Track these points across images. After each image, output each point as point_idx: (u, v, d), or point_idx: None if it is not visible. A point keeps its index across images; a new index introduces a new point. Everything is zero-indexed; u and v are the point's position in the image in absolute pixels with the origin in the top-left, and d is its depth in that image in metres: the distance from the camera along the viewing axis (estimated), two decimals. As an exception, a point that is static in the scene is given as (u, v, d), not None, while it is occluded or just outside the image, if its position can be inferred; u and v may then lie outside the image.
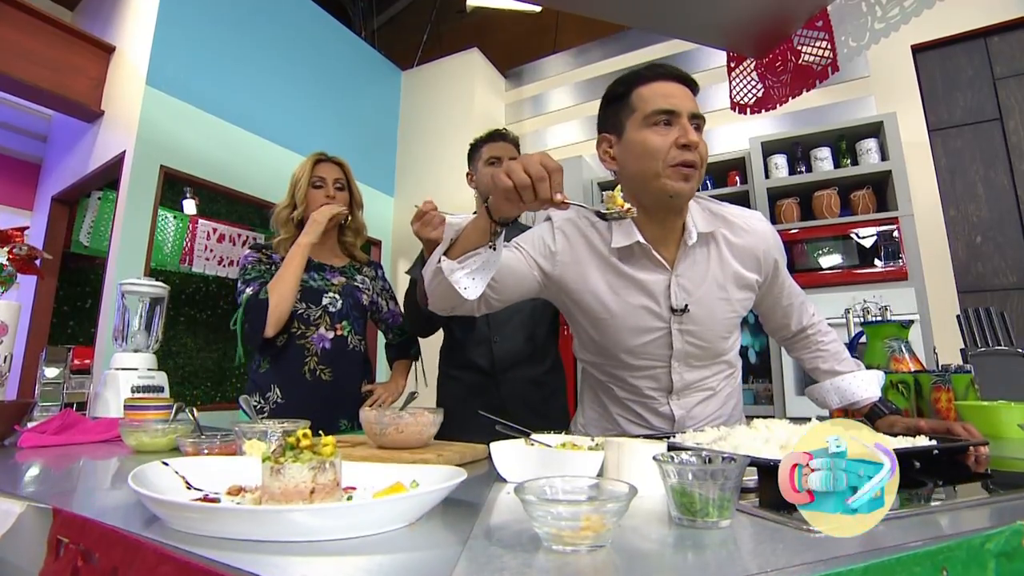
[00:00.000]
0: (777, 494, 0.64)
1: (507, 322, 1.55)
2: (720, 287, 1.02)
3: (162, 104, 2.65)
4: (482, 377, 1.54)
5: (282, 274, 1.39)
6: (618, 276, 1.02)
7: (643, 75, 0.98)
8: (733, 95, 2.09)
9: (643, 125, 0.95)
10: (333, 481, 0.54)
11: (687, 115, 0.94)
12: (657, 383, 1.06)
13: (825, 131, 2.72)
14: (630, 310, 1.01)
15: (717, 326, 1.03)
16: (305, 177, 1.56)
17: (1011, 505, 0.56)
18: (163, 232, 3.38)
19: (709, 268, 1.02)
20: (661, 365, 1.05)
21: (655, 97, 0.95)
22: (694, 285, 1.01)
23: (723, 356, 1.09)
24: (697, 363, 1.06)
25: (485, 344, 1.54)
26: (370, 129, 4.03)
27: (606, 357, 1.08)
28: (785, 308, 1.14)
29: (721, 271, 1.02)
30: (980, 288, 2.52)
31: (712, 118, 3.48)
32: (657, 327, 1.01)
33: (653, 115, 0.94)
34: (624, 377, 1.08)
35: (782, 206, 2.77)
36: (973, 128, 2.65)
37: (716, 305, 1.02)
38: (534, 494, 0.46)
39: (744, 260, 1.04)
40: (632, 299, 1.01)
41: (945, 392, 1.33)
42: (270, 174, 3.16)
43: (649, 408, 1.09)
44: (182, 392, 4.30)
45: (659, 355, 1.04)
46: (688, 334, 1.02)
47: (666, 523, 0.51)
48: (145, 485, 0.53)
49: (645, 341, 1.03)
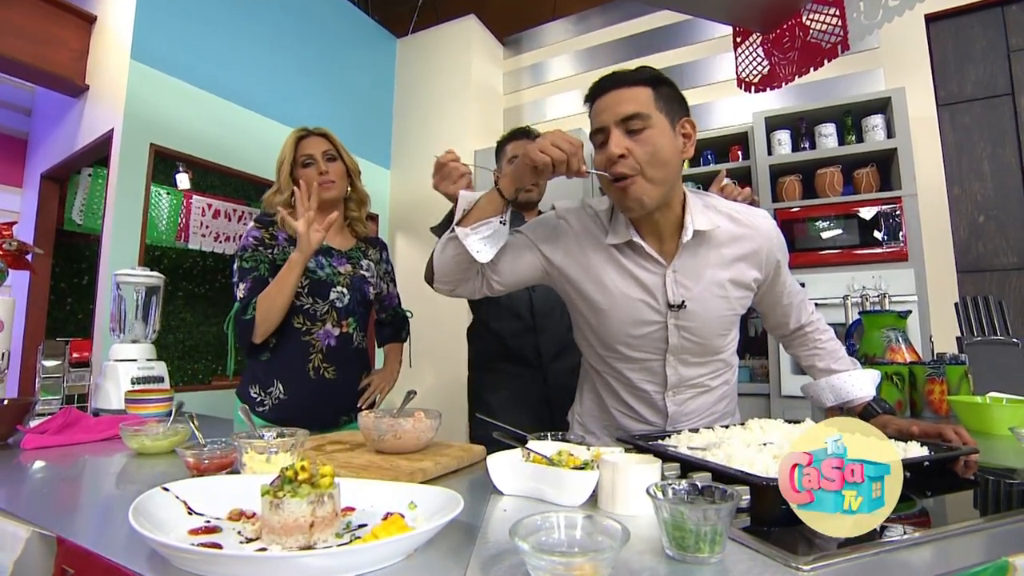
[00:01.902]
0: (769, 513, 0.65)
1: (550, 313, 1.54)
2: (718, 285, 1.02)
3: (149, 79, 2.56)
4: (527, 369, 1.55)
5: (270, 291, 1.31)
6: (617, 268, 1.03)
7: (588, 96, 1.00)
8: (739, 72, 2.02)
9: (596, 148, 0.98)
10: (332, 513, 0.55)
11: (614, 124, 0.93)
12: (652, 376, 1.08)
13: (831, 106, 2.64)
14: (628, 302, 1.02)
15: (713, 323, 1.03)
16: (289, 158, 1.46)
17: (1002, 531, 0.57)
18: (157, 209, 3.33)
19: (708, 265, 1.01)
20: (656, 359, 1.06)
21: (592, 118, 0.99)
22: (691, 281, 1.01)
23: (719, 354, 1.09)
24: (693, 359, 1.07)
25: (530, 335, 1.54)
26: (365, 100, 3.92)
27: (603, 347, 1.09)
28: (785, 307, 1.14)
29: (720, 268, 1.02)
30: (980, 268, 2.51)
31: (715, 90, 3.40)
32: (654, 320, 1.02)
33: (593, 137, 0.98)
34: (620, 369, 1.09)
35: (784, 183, 2.72)
36: (983, 103, 2.58)
37: (713, 303, 1.02)
38: (529, 538, 0.47)
39: (745, 258, 1.03)
40: (630, 291, 1.02)
41: (939, 384, 1.35)
42: (263, 149, 3.09)
43: (644, 401, 1.10)
44: (183, 367, 4.34)
45: (655, 349, 1.05)
46: (684, 330, 1.02)
47: (658, 554, 0.52)
48: (147, 517, 0.54)
49: (641, 333, 1.04)
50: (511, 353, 1.56)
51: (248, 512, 0.61)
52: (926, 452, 0.79)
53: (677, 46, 3.43)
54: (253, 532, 0.55)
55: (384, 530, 0.52)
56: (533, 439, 0.93)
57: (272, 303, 1.32)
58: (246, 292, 1.34)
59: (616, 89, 0.95)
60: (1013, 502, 0.73)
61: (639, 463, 0.67)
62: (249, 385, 1.41)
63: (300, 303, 1.39)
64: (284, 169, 1.47)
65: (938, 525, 0.59)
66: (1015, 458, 0.92)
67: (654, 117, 0.93)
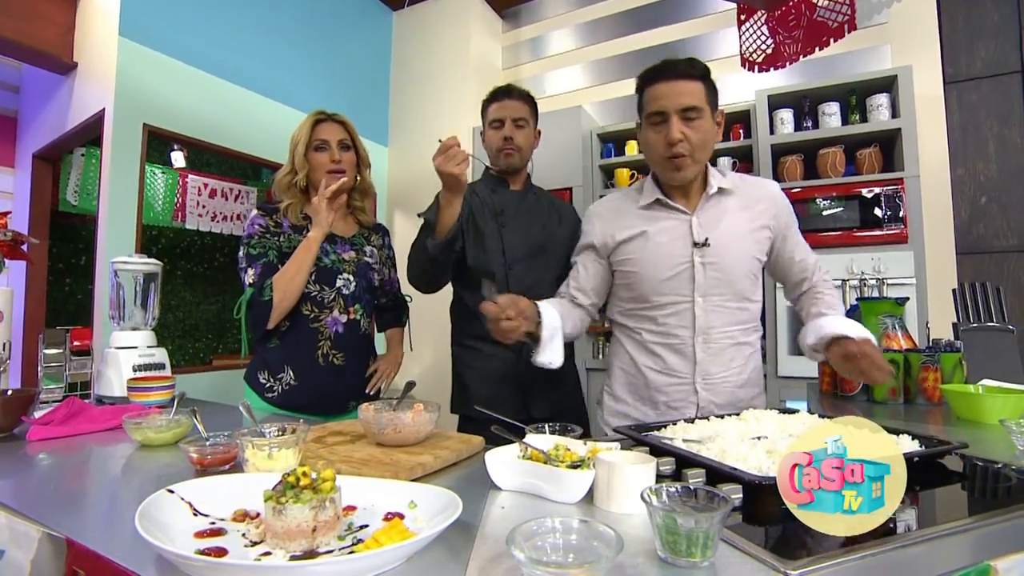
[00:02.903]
0: (761, 512, 0.67)
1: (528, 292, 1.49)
2: (736, 225, 1.19)
3: (139, 56, 2.50)
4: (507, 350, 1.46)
5: (288, 270, 1.33)
6: (648, 222, 1.22)
7: (646, 77, 1.17)
8: (742, 51, 1.98)
9: (647, 123, 1.18)
10: (334, 516, 0.56)
11: (675, 112, 1.12)
12: (682, 321, 1.19)
13: (836, 84, 2.59)
14: (658, 247, 1.20)
15: (736, 260, 1.18)
16: (304, 140, 1.45)
17: (985, 532, 0.59)
18: (152, 188, 3.29)
19: (726, 211, 1.20)
20: (685, 300, 1.18)
21: (651, 100, 1.15)
22: (713, 224, 1.19)
23: (745, 299, 1.20)
24: (719, 300, 1.18)
25: None
26: (361, 76, 3.84)
27: (638, 301, 1.24)
28: (799, 263, 1.25)
29: (737, 213, 1.20)
30: (979, 250, 2.50)
31: (717, 66, 3.31)
32: (682, 260, 1.18)
33: (650, 116, 1.16)
34: (654, 317, 1.22)
35: (785, 163, 2.70)
36: (991, 81, 2.53)
37: (735, 241, 1.18)
38: (524, 545, 0.48)
39: (757, 208, 1.22)
40: (660, 238, 1.20)
41: (933, 372, 1.36)
42: (259, 128, 3.05)
43: (674, 350, 1.20)
44: (184, 346, 4.36)
45: (683, 291, 1.18)
46: (710, 266, 1.17)
47: (650, 556, 0.54)
48: (153, 521, 0.55)
49: (672, 275, 1.18)
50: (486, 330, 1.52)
51: (252, 512, 0.62)
52: (916, 447, 0.81)
53: (679, 20, 3.35)
54: (257, 535, 0.57)
55: (385, 534, 0.53)
56: (531, 430, 0.95)
57: (290, 283, 1.34)
58: (257, 277, 1.35)
59: (678, 80, 1.13)
60: (999, 498, 0.75)
61: (634, 463, 0.68)
62: (258, 370, 1.43)
63: (308, 290, 1.40)
64: (299, 151, 1.46)
65: (926, 525, 0.60)
66: (1004, 450, 0.93)
67: (705, 110, 1.13)
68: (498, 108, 1.53)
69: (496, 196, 1.54)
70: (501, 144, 1.51)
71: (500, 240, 1.48)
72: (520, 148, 1.52)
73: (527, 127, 1.54)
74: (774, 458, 0.78)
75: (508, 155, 1.51)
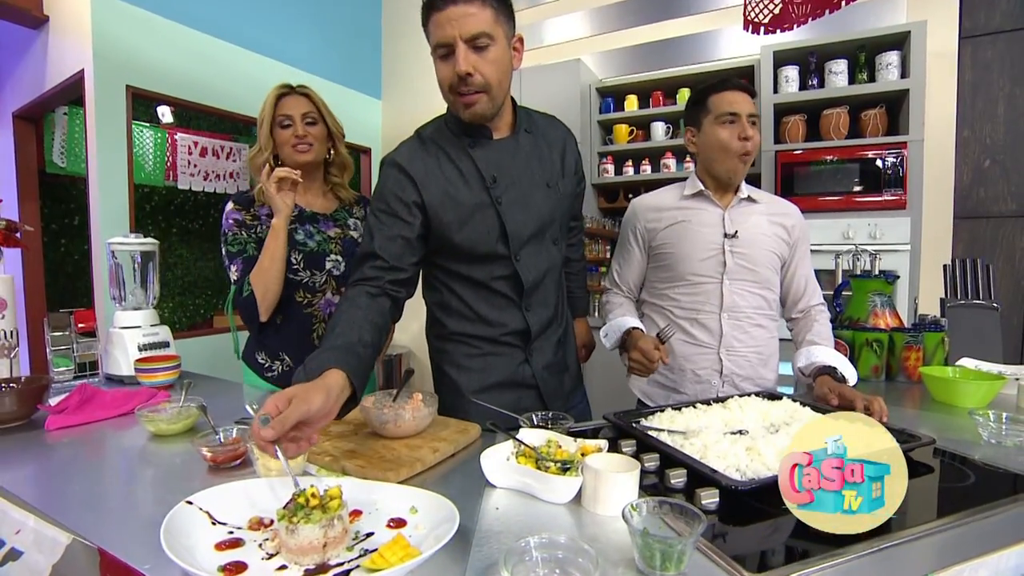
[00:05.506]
0: (735, 515, 0.72)
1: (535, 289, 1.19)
2: (761, 226, 1.37)
3: (116, 11, 2.37)
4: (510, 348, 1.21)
5: (262, 263, 1.33)
6: (687, 212, 1.39)
7: (716, 87, 1.34)
8: (747, 12, 1.89)
9: (716, 123, 1.32)
10: (342, 532, 0.61)
11: (745, 116, 1.30)
12: (711, 298, 1.35)
13: (846, 40, 2.49)
14: (694, 234, 1.36)
15: (760, 254, 1.35)
16: (268, 116, 1.42)
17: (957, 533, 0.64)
18: (141, 147, 3.22)
19: (753, 214, 1.38)
20: (714, 281, 1.35)
21: (724, 103, 1.31)
22: (742, 220, 1.36)
23: (767, 288, 1.37)
24: (745, 284, 1.35)
25: (513, 310, 1.19)
26: (351, 26, 3.65)
27: (673, 280, 1.40)
28: (800, 281, 1.41)
29: (762, 218, 1.38)
30: (977, 214, 2.50)
31: (721, 17, 3.16)
32: (714, 246, 1.35)
33: (723, 116, 1.31)
34: (686, 294, 1.38)
35: (788, 123, 2.64)
36: (1008, 36, 2.43)
37: (760, 237, 1.36)
38: (515, 569, 0.53)
39: (779, 221, 1.39)
40: (697, 226, 1.37)
41: (915, 351, 1.41)
42: (247, 85, 2.94)
43: (701, 324, 1.37)
44: (184, 303, 4.41)
45: (714, 273, 1.35)
46: (738, 255, 1.34)
47: (629, 566, 0.59)
48: (176, 536, 0.60)
49: (705, 257, 1.35)
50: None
51: (266, 520, 0.67)
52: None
53: (686, -36, 3.15)
54: (273, 547, 0.62)
55: (389, 550, 0.58)
56: (523, 420, 1.00)
57: (266, 274, 1.34)
58: (239, 273, 1.36)
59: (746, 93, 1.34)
60: (968, 496, 0.80)
61: (619, 471, 0.73)
62: (256, 352, 1.47)
63: (299, 277, 1.41)
64: (264, 129, 1.43)
65: (896, 529, 0.64)
66: (975, 436, 0.99)
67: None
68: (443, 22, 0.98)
69: (479, 154, 1.12)
70: (456, 83, 1.02)
71: (499, 220, 1.11)
72: (488, 85, 1.02)
73: (494, 44, 1.00)
74: (752, 455, 0.84)
75: (468, 104, 1.05)
